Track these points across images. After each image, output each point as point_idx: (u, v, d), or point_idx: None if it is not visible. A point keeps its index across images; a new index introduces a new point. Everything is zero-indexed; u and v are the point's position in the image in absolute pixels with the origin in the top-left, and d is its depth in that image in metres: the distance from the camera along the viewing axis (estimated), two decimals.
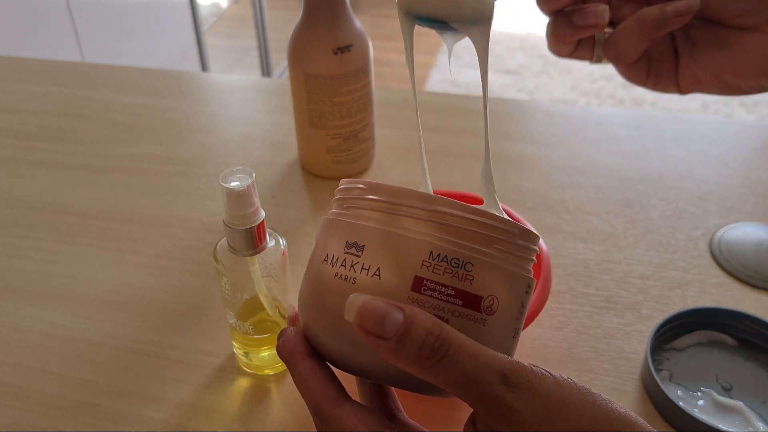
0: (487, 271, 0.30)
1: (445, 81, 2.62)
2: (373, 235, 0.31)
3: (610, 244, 0.64)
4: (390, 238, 0.30)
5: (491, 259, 0.31)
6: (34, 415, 0.51)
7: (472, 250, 0.30)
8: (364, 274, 0.31)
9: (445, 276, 0.30)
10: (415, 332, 0.28)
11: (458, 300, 0.30)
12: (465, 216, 0.30)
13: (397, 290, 0.30)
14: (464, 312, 0.30)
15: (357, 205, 0.32)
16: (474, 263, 0.30)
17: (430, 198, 0.31)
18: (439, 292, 0.30)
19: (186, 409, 0.51)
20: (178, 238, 0.67)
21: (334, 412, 0.31)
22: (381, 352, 0.28)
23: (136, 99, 0.89)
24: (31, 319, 0.59)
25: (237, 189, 0.44)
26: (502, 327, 0.31)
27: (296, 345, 0.33)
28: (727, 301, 0.59)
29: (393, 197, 0.31)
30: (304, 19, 0.66)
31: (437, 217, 0.30)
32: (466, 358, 0.28)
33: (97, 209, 0.71)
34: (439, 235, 0.30)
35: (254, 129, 0.83)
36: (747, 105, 2.42)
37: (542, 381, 0.28)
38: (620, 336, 0.56)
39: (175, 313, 0.59)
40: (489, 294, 0.31)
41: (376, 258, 0.30)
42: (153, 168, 0.77)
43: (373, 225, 0.31)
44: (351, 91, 0.68)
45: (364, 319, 0.28)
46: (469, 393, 0.28)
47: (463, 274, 0.30)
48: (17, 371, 0.55)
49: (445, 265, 0.30)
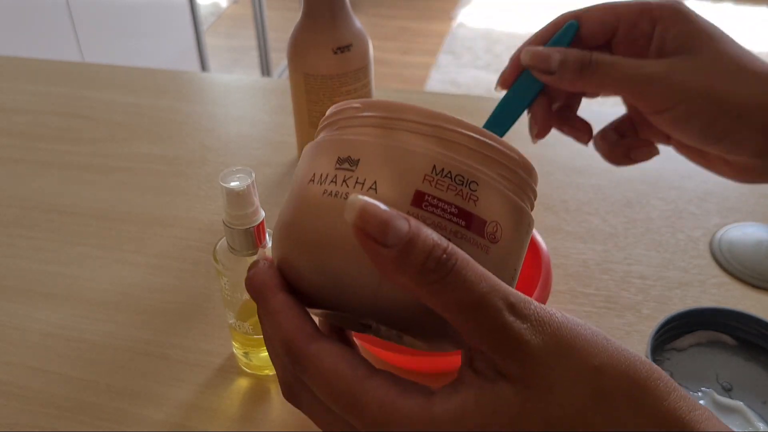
0: (493, 194, 0.28)
1: (445, 81, 2.62)
2: (370, 148, 0.28)
3: (610, 244, 0.64)
4: (389, 151, 0.28)
5: (499, 184, 0.28)
6: (34, 415, 0.51)
7: (477, 170, 0.28)
8: (358, 188, 0.28)
9: (448, 193, 0.27)
10: (422, 243, 0.24)
11: (461, 220, 0.27)
12: (469, 134, 0.28)
13: (396, 205, 0.27)
14: (467, 234, 0.27)
15: (351, 124, 0.30)
16: (479, 183, 0.28)
17: (432, 113, 0.28)
18: (441, 209, 0.27)
19: (186, 409, 0.51)
20: (178, 238, 0.67)
21: (310, 349, 0.27)
22: (380, 262, 0.25)
23: (136, 99, 0.89)
24: (31, 319, 0.59)
25: (237, 189, 0.44)
26: (504, 261, 0.29)
27: (270, 278, 0.29)
28: (727, 301, 0.58)
29: (392, 112, 0.29)
30: (303, 19, 0.66)
31: (440, 133, 0.28)
32: (474, 278, 0.25)
33: (97, 209, 0.71)
34: (442, 150, 0.28)
35: (254, 129, 0.83)
36: None
37: (551, 316, 0.26)
38: (620, 336, 0.56)
39: (175, 313, 0.59)
40: (493, 219, 0.28)
41: (373, 171, 0.28)
42: (153, 168, 0.77)
43: (370, 139, 0.28)
44: (351, 91, 0.68)
45: (367, 221, 0.24)
46: (474, 319, 0.25)
47: (468, 193, 0.27)
48: (17, 371, 0.54)
49: (449, 181, 0.27)
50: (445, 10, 3.17)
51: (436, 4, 3.22)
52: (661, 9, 0.42)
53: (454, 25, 3.01)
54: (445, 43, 2.87)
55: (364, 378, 0.26)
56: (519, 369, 0.25)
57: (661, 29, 0.42)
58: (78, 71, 0.97)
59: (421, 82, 2.64)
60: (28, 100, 0.90)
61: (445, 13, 3.14)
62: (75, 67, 0.99)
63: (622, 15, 0.43)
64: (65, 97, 0.90)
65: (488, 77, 2.62)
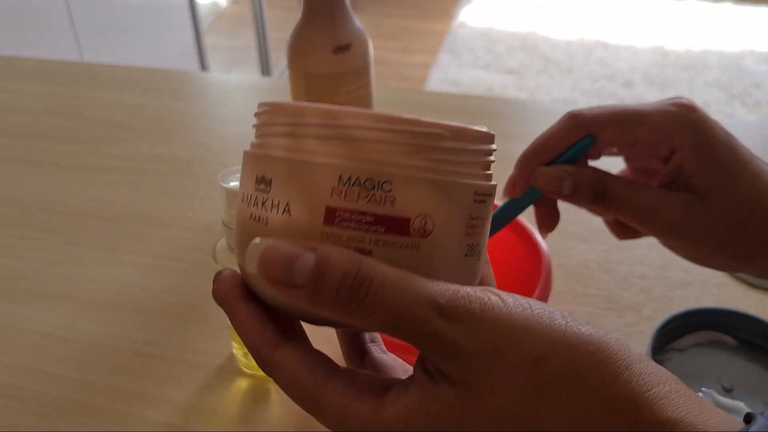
0: (412, 187, 0.26)
1: (445, 81, 2.62)
2: (279, 165, 0.27)
3: (612, 245, 0.64)
4: (295, 167, 0.26)
5: (416, 172, 0.26)
6: (34, 415, 0.51)
7: (389, 165, 0.26)
8: (275, 212, 0.27)
9: (360, 202, 0.26)
10: (330, 274, 0.24)
11: (380, 227, 0.26)
12: (376, 126, 0.26)
13: (310, 226, 0.26)
14: (390, 239, 0.26)
15: (266, 132, 0.28)
16: (393, 180, 0.26)
17: (332, 112, 0.26)
18: (356, 222, 0.26)
19: (186, 409, 0.51)
20: (178, 238, 0.67)
21: (274, 357, 0.27)
22: (295, 300, 0.25)
23: (136, 99, 0.89)
24: (31, 319, 0.59)
25: (236, 189, 0.44)
26: (445, 247, 0.27)
27: (232, 287, 0.29)
28: (728, 301, 0.58)
29: (296, 118, 0.27)
30: (303, 19, 0.66)
31: (344, 134, 0.26)
32: (393, 294, 0.24)
33: (97, 209, 0.71)
34: (347, 153, 0.26)
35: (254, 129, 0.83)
36: (748, 105, 2.42)
37: (488, 308, 0.25)
38: (622, 336, 0.56)
39: (175, 313, 0.59)
40: (418, 213, 0.26)
41: (285, 192, 0.26)
42: (153, 168, 0.77)
43: (279, 153, 0.27)
44: (351, 90, 0.68)
45: (270, 268, 0.24)
46: (403, 332, 0.25)
47: (382, 196, 0.26)
48: (17, 371, 0.54)
49: (359, 188, 0.26)
50: (446, 10, 3.17)
51: (437, 4, 3.22)
52: (681, 140, 0.41)
53: (454, 25, 3.01)
54: (446, 43, 2.87)
55: (321, 382, 0.27)
56: (458, 372, 0.25)
57: (680, 160, 0.41)
58: (78, 71, 0.97)
59: (422, 82, 2.64)
60: (28, 100, 0.90)
61: (445, 13, 3.14)
62: (75, 67, 0.99)
63: (640, 140, 0.42)
64: (65, 97, 0.90)
65: (488, 77, 2.62)
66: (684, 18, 3.00)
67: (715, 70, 2.61)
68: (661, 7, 3.09)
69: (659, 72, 2.61)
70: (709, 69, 2.62)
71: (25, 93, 0.92)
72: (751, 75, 2.57)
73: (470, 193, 0.27)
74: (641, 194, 0.42)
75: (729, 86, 2.51)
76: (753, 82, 2.53)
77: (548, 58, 2.72)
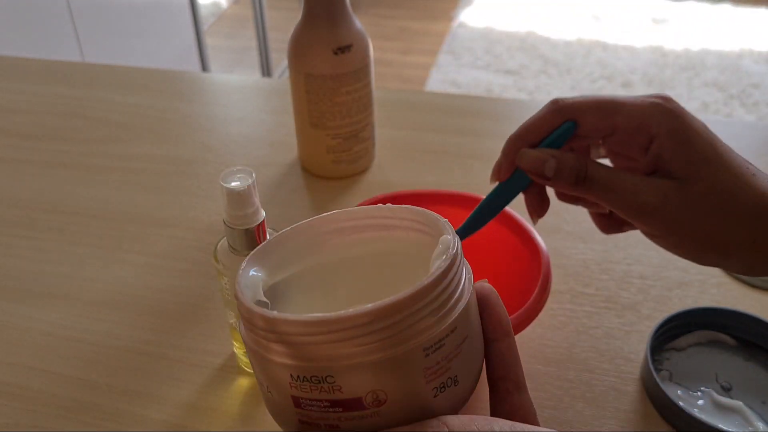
0: (353, 374, 0.28)
1: (445, 81, 2.62)
2: (251, 355, 0.31)
3: (610, 244, 0.64)
4: (261, 360, 0.30)
5: (354, 360, 0.28)
6: (34, 415, 0.51)
7: (328, 360, 0.28)
8: (264, 389, 0.31)
9: (313, 392, 0.28)
10: None
11: (337, 408, 0.28)
12: (309, 331, 0.28)
13: (285, 409, 0.30)
14: (350, 415, 0.28)
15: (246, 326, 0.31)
16: (334, 374, 0.28)
17: (271, 320, 0.28)
18: (317, 406, 0.29)
19: (186, 409, 0.51)
20: (178, 238, 0.67)
21: None
22: None
23: (136, 99, 0.89)
24: (32, 319, 0.59)
25: (237, 189, 0.44)
26: (406, 404, 0.29)
27: None
28: (726, 301, 0.59)
29: (246, 319, 0.30)
30: (304, 19, 0.66)
31: (283, 338, 0.28)
32: None
33: (97, 209, 0.71)
34: (293, 354, 0.28)
35: (254, 129, 0.83)
36: (747, 105, 2.42)
37: None
38: (620, 336, 0.56)
39: (175, 313, 0.59)
40: (368, 391, 0.28)
41: (263, 376, 0.30)
42: (153, 168, 0.77)
43: (250, 344, 0.30)
44: (351, 91, 0.68)
45: None
46: None
47: (329, 386, 0.28)
48: (17, 371, 0.55)
49: (309, 383, 0.28)
50: (445, 10, 3.17)
51: (436, 4, 3.22)
52: (658, 127, 0.41)
53: (454, 25, 3.01)
54: (446, 43, 2.87)
55: None
56: None
57: (658, 147, 0.42)
58: (78, 71, 0.97)
59: (421, 82, 2.64)
60: (28, 100, 0.90)
61: (445, 13, 3.14)
62: (75, 67, 0.99)
63: (619, 126, 0.42)
64: (65, 97, 0.91)
65: (488, 77, 2.62)
66: (683, 19, 3.00)
67: (713, 70, 2.61)
68: (660, 7, 3.10)
69: (658, 72, 2.61)
70: (708, 69, 2.62)
71: (26, 93, 0.92)
72: (750, 75, 2.58)
73: (418, 353, 0.28)
74: (622, 177, 0.42)
75: (728, 86, 2.52)
76: (751, 83, 2.53)
77: (547, 58, 2.73)
